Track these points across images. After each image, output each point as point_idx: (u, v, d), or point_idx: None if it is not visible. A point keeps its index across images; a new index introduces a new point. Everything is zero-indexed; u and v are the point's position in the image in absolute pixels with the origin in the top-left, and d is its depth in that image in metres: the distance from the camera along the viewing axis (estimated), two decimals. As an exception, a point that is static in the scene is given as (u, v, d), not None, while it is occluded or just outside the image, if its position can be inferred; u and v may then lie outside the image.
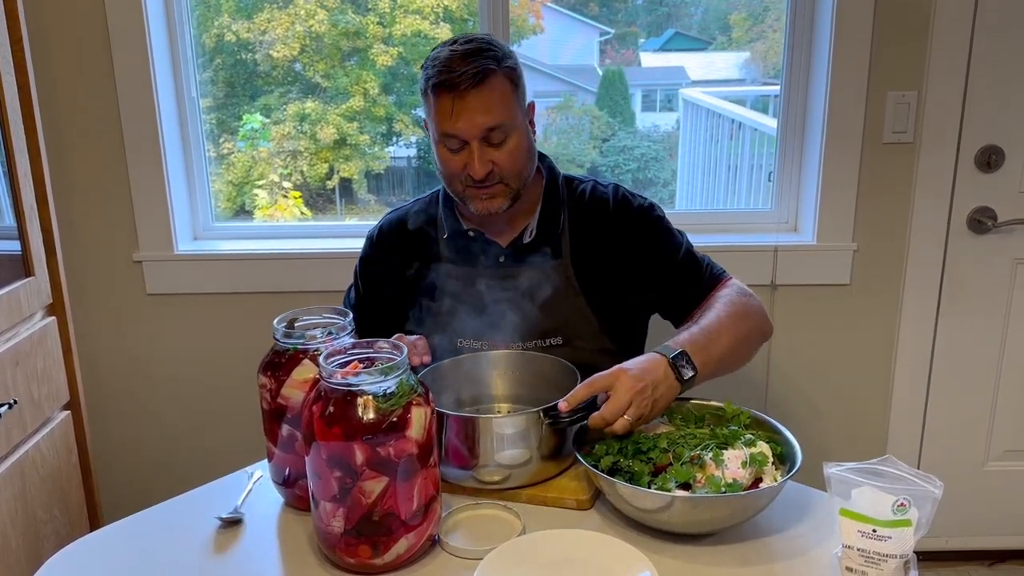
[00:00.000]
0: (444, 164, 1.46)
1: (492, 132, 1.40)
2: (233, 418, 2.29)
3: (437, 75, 1.39)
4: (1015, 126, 2.11)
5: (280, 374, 1.16)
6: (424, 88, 1.44)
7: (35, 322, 1.73)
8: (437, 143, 1.46)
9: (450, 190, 1.50)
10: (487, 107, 1.39)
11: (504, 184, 1.44)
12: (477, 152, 1.40)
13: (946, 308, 2.24)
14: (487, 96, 1.39)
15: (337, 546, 1.05)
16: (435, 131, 1.44)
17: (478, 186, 1.43)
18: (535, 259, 1.51)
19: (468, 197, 1.46)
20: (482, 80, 1.38)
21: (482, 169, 1.40)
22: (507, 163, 1.43)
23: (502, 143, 1.42)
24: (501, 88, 1.41)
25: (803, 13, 2.14)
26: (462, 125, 1.39)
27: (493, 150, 1.42)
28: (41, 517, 1.70)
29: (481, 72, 1.38)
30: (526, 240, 1.51)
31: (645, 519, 1.13)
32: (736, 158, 3.10)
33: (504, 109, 1.41)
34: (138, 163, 2.14)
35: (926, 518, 0.97)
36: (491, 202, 1.45)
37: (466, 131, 1.39)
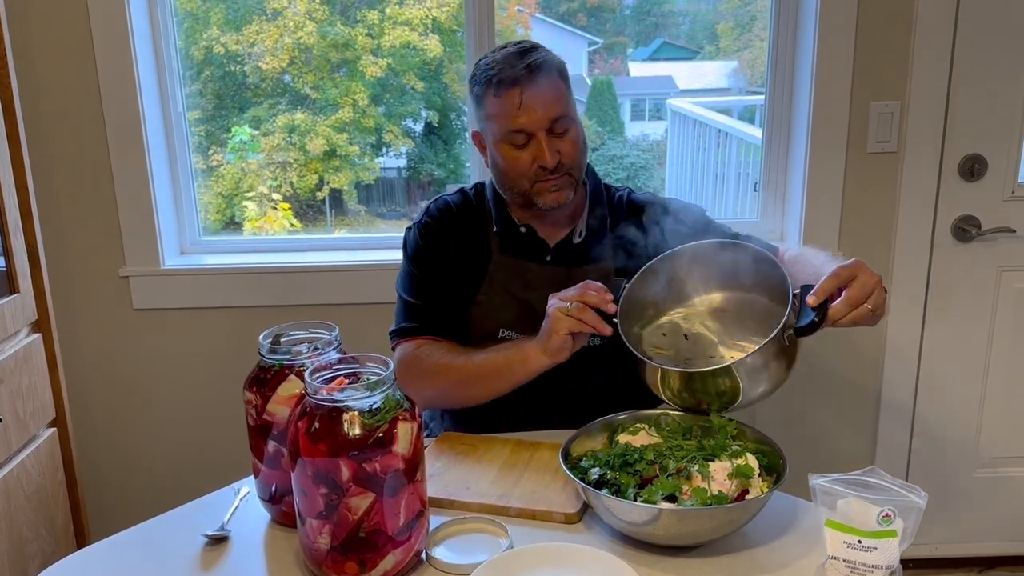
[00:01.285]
0: (510, 163, 1.48)
1: (556, 122, 1.45)
2: (220, 434, 2.28)
3: (499, 72, 1.44)
4: (997, 135, 2.13)
5: (266, 390, 1.16)
6: (481, 92, 1.48)
7: (20, 339, 1.72)
8: (500, 143, 1.48)
9: (514, 191, 1.52)
10: (550, 99, 1.44)
11: (569, 175, 1.49)
12: (546, 142, 1.44)
13: (932, 316, 2.25)
14: (549, 87, 1.45)
15: (324, 563, 1.04)
16: (498, 130, 1.47)
17: (547, 178, 1.47)
18: (581, 260, 1.54)
19: (536, 193, 1.49)
20: (543, 73, 1.44)
21: (552, 158, 1.44)
22: (571, 153, 1.48)
23: (565, 133, 1.47)
24: (557, 81, 1.47)
25: (786, 24, 2.16)
26: (529, 117, 1.43)
27: (558, 140, 1.46)
28: (26, 535, 1.69)
29: (541, 65, 1.44)
30: (576, 241, 1.55)
31: (632, 532, 1.13)
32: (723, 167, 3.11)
33: (564, 101, 1.47)
34: (124, 177, 2.14)
35: (911, 529, 0.98)
36: (559, 193, 1.48)
37: (534, 122, 1.43)
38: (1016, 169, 2.17)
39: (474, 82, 1.50)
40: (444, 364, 1.48)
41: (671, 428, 1.29)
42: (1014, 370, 2.30)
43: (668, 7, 2.66)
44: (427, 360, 1.50)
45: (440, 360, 1.49)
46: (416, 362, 1.51)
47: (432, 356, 1.50)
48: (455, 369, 1.47)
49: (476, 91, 1.50)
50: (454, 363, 1.47)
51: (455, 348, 1.51)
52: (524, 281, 1.54)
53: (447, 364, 1.48)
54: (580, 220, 1.57)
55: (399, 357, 1.54)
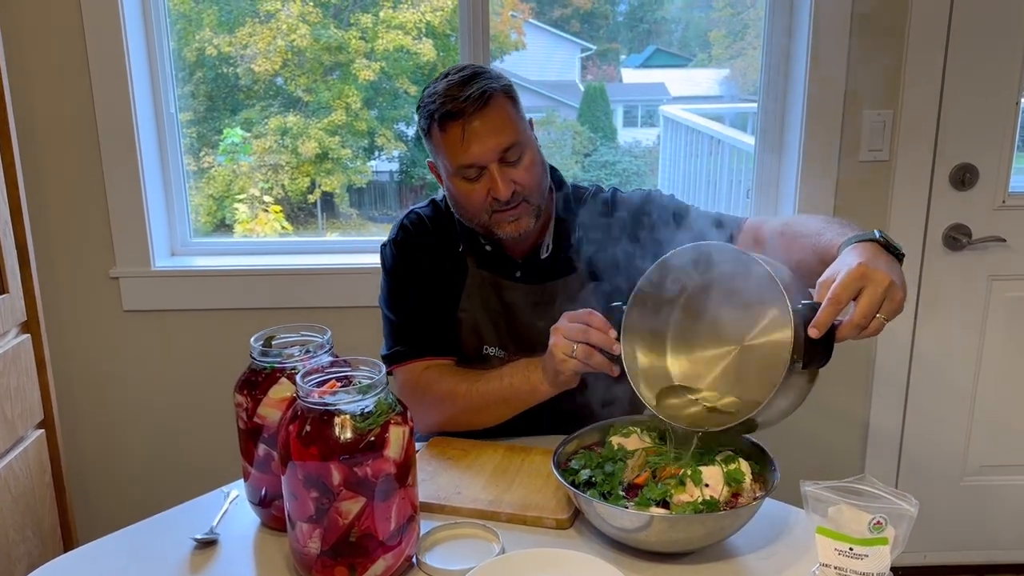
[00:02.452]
0: (465, 198, 1.43)
1: (507, 152, 1.39)
2: (209, 437, 2.26)
3: (441, 106, 1.38)
4: (989, 144, 2.15)
5: (257, 393, 1.15)
6: (427, 126, 1.42)
7: (8, 340, 1.70)
8: (452, 178, 1.43)
9: (473, 223, 1.47)
10: (498, 128, 1.38)
11: (527, 203, 1.43)
12: (498, 174, 1.39)
13: (922, 324, 2.26)
14: (495, 117, 1.38)
15: (314, 567, 1.04)
16: (448, 166, 1.42)
17: (504, 209, 1.41)
18: (550, 275, 1.51)
19: (495, 224, 1.44)
20: (487, 102, 1.37)
21: (506, 189, 1.38)
22: (527, 180, 1.42)
23: (518, 161, 1.41)
24: (504, 107, 1.40)
25: (780, 32, 2.17)
26: (477, 150, 1.37)
27: (511, 170, 1.40)
28: (13, 538, 1.67)
29: (484, 94, 1.37)
30: (542, 255, 1.51)
31: (623, 538, 1.12)
32: (715, 174, 3.12)
33: (512, 127, 1.40)
34: (115, 178, 2.13)
35: (902, 536, 0.98)
36: (518, 223, 1.43)
37: (483, 155, 1.38)
38: (1007, 179, 2.18)
39: (420, 114, 1.44)
40: (450, 391, 1.45)
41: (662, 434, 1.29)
42: (1004, 379, 2.31)
43: (661, 14, 2.67)
44: (433, 388, 1.47)
45: (446, 387, 1.46)
46: (421, 390, 1.48)
47: (438, 383, 1.47)
48: (462, 397, 1.44)
49: (422, 124, 1.44)
50: (459, 390, 1.44)
51: (457, 373, 1.49)
52: (500, 297, 1.51)
53: (453, 391, 1.45)
54: (547, 234, 1.52)
55: (402, 383, 1.51)
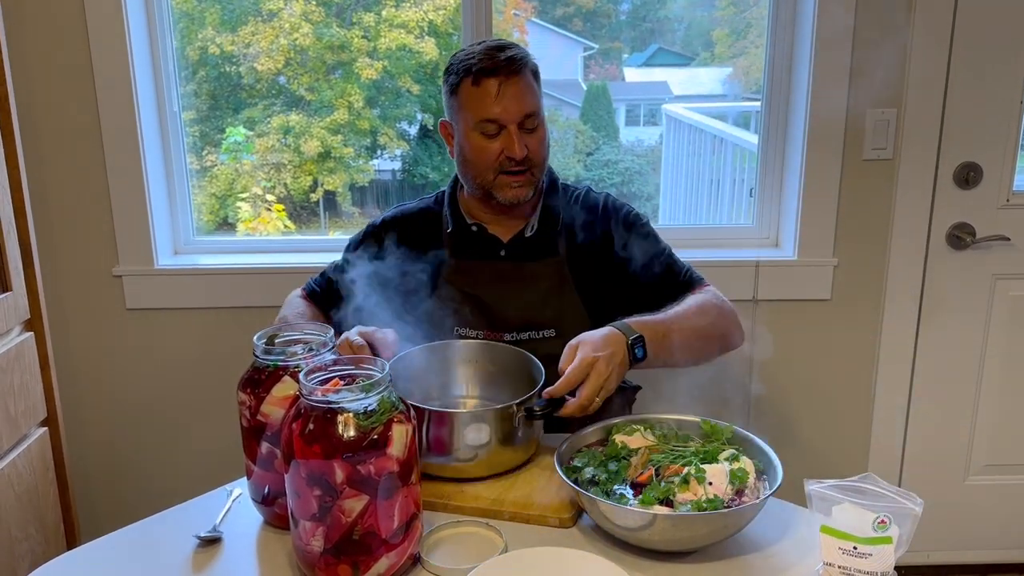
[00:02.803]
0: (478, 152, 1.52)
1: (528, 118, 1.50)
2: (213, 435, 2.26)
3: (479, 62, 1.49)
4: (993, 143, 2.14)
5: (260, 391, 1.15)
6: (457, 81, 1.52)
7: (12, 337, 1.70)
8: (470, 132, 1.52)
9: (477, 180, 1.56)
10: (525, 93, 1.50)
11: (531, 173, 1.53)
12: (516, 135, 1.49)
13: (926, 323, 2.26)
14: (525, 83, 1.51)
15: (316, 565, 1.04)
16: (471, 119, 1.51)
17: (511, 171, 1.51)
18: (534, 255, 1.59)
19: (498, 186, 1.54)
20: (520, 69, 1.50)
21: (521, 150, 1.49)
22: (537, 150, 1.53)
23: (534, 130, 1.52)
24: (531, 81, 1.53)
25: (783, 31, 2.16)
26: (504, 108, 1.48)
27: (527, 136, 1.51)
28: (16, 536, 1.68)
29: (521, 60, 1.51)
30: (527, 235, 1.59)
31: (627, 537, 1.12)
32: (718, 173, 3.12)
33: (535, 99, 1.53)
34: (118, 176, 2.13)
35: (907, 535, 0.98)
36: (520, 190, 1.53)
37: (508, 114, 1.48)
38: (1011, 177, 2.17)
39: (450, 72, 1.54)
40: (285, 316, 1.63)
41: (667, 433, 1.29)
42: (1008, 378, 2.30)
43: (664, 13, 2.66)
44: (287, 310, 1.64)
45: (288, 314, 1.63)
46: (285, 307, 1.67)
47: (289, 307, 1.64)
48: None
49: (452, 80, 1.54)
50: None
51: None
52: (476, 279, 1.58)
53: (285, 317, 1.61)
54: (534, 216, 1.61)
55: (289, 297, 1.71)
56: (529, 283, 1.58)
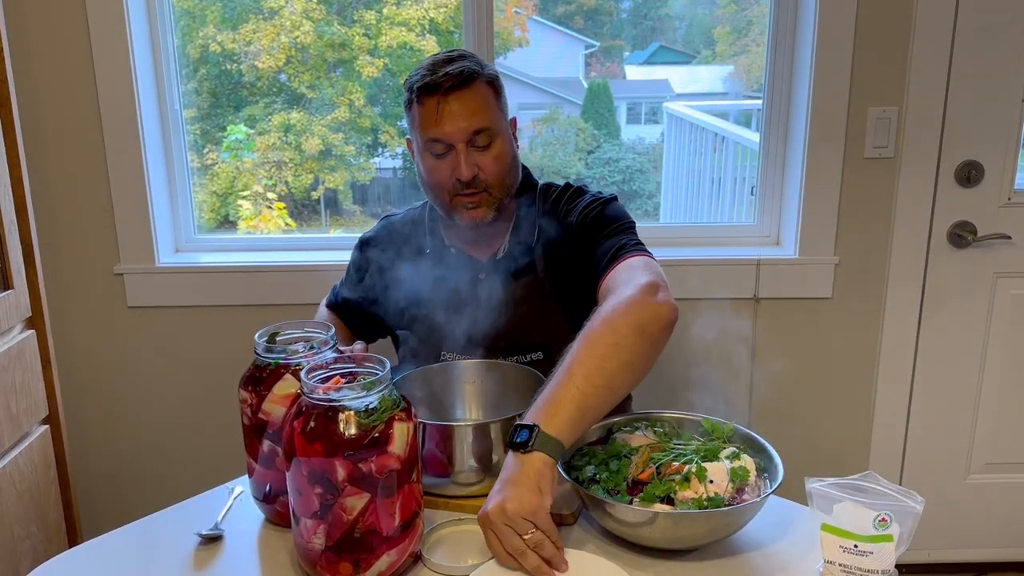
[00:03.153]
0: (430, 174, 1.46)
1: (477, 135, 1.41)
2: (214, 433, 2.27)
3: (421, 79, 1.42)
4: (994, 141, 2.14)
5: (261, 389, 1.15)
6: (408, 99, 1.45)
7: (13, 335, 1.71)
8: (422, 152, 1.46)
9: (436, 203, 1.50)
10: (472, 110, 1.40)
11: (488, 192, 1.44)
12: (463, 154, 1.40)
13: (927, 322, 2.26)
14: (471, 99, 1.41)
15: (318, 563, 1.04)
16: (420, 139, 1.45)
17: (464, 193, 1.43)
18: (512, 275, 1.51)
19: (454, 208, 1.46)
20: (466, 83, 1.40)
21: (468, 171, 1.40)
22: (492, 168, 1.43)
23: (487, 147, 1.43)
24: (484, 93, 1.43)
25: (785, 29, 2.16)
26: (448, 128, 1.40)
27: (478, 154, 1.42)
28: (18, 534, 1.68)
29: (465, 75, 1.40)
30: (499, 256, 1.52)
31: (628, 535, 1.12)
32: (719, 171, 3.12)
33: (488, 114, 1.42)
34: (119, 174, 2.13)
35: (908, 533, 0.98)
36: (476, 211, 1.44)
37: (452, 134, 1.40)
38: (1012, 176, 2.17)
39: (405, 87, 1.47)
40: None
41: (667, 431, 1.29)
42: (1009, 376, 2.30)
43: (665, 11, 2.66)
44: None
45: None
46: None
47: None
48: None
49: (405, 96, 1.47)
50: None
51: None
52: (459, 303, 1.51)
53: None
54: (506, 235, 1.53)
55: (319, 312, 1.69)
56: (510, 305, 1.48)
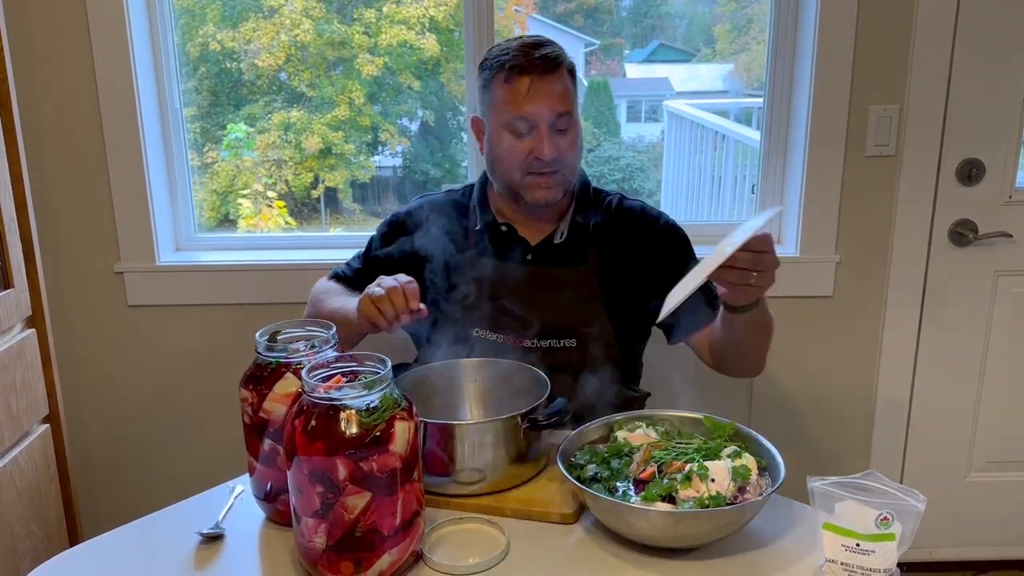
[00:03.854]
0: (507, 151, 1.48)
1: (560, 118, 1.46)
2: (215, 432, 2.27)
3: (512, 59, 1.45)
4: (995, 139, 2.14)
5: (262, 388, 1.15)
6: (490, 77, 1.48)
7: (14, 334, 1.70)
8: (500, 130, 1.49)
9: (504, 179, 1.52)
10: (559, 93, 1.45)
11: (561, 175, 1.49)
12: (546, 135, 1.45)
13: (928, 320, 2.26)
14: (559, 83, 1.46)
15: (319, 562, 1.04)
16: (500, 117, 1.48)
17: (540, 172, 1.47)
18: (561, 262, 1.55)
19: (525, 186, 1.49)
20: (555, 67, 1.46)
21: (550, 151, 1.45)
22: (568, 152, 1.48)
23: (565, 132, 1.48)
24: (567, 80, 1.48)
25: (786, 27, 2.16)
26: (536, 107, 1.44)
27: (558, 137, 1.47)
28: (19, 532, 1.68)
29: (556, 59, 1.46)
30: (556, 241, 1.56)
31: (629, 534, 1.12)
32: (720, 169, 3.12)
33: (569, 100, 1.48)
34: (120, 173, 2.13)
35: (909, 532, 0.98)
36: (548, 191, 1.49)
37: (539, 113, 1.44)
38: (1014, 174, 2.17)
39: (484, 67, 1.51)
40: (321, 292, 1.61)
41: (668, 431, 1.29)
42: (1010, 374, 2.30)
43: (665, 9, 2.66)
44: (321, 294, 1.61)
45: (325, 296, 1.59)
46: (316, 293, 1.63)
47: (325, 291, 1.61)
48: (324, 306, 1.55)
49: (485, 75, 1.50)
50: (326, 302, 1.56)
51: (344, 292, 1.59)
52: (500, 281, 1.54)
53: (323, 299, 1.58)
54: (563, 221, 1.57)
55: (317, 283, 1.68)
56: (554, 290, 1.53)
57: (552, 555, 1.12)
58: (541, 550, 1.13)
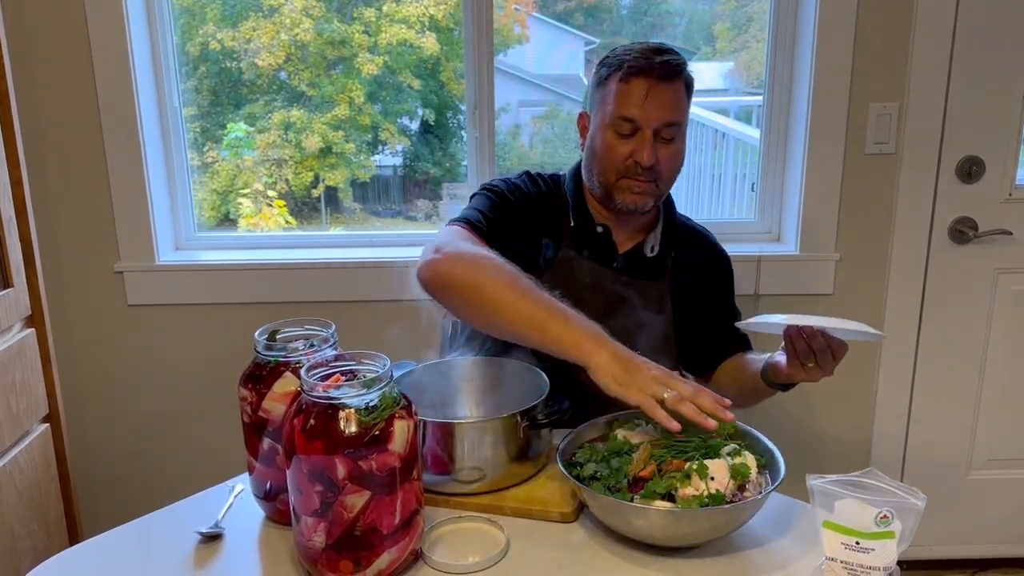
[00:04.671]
0: (608, 150, 1.47)
1: (667, 127, 1.44)
2: (215, 431, 2.27)
3: (634, 60, 1.44)
4: (995, 137, 2.14)
5: (261, 387, 1.15)
6: (608, 74, 1.47)
7: (13, 334, 1.70)
8: (606, 127, 1.47)
9: (599, 179, 1.50)
10: (672, 102, 1.44)
11: (656, 184, 1.47)
12: (650, 141, 1.43)
13: (928, 318, 2.26)
14: (674, 92, 1.45)
15: (318, 561, 1.04)
16: (608, 114, 1.46)
17: (636, 178, 1.46)
18: (645, 274, 1.55)
19: (619, 188, 1.48)
20: (674, 76, 1.44)
21: (650, 157, 1.43)
22: (668, 163, 1.47)
23: (670, 142, 1.46)
24: (682, 92, 1.47)
25: (786, 25, 2.16)
26: (646, 111, 1.42)
27: (661, 146, 1.45)
28: (19, 532, 1.68)
29: (676, 67, 1.44)
30: (648, 254, 1.55)
31: (629, 532, 1.12)
32: (720, 168, 3.11)
33: (681, 111, 1.47)
34: (119, 173, 2.13)
35: (909, 530, 0.97)
36: (640, 197, 1.47)
37: (648, 117, 1.43)
38: (1014, 171, 2.17)
39: (604, 63, 1.49)
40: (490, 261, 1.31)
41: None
42: (1010, 372, 2.30)
43: (665, 7, 2.65)
44: (479, 251, 1.34)
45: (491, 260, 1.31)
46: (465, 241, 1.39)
47: (473, 250, 1.34)
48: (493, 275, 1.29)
49: (602, 72, 1.49)
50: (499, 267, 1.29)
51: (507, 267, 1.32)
52: (584, 281, 1.52)
53: (493, 263, 1.30)
54: (653, 234, 1.57)
55: (451, 229, 1.43)
56: (631, 301, 1.52)
57: (552, 554, 1.12)
58: (541, 549, 1.13)
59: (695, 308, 1.58)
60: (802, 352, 1.30)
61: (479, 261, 1.31)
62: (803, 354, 1.30)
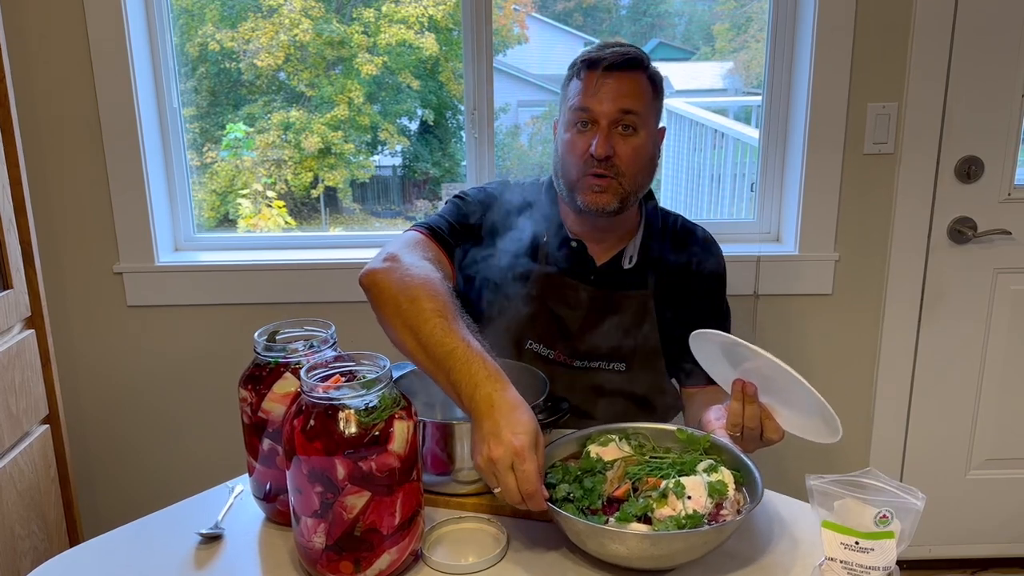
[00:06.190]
0: (568, 146, 1.44)
1: (625, 115, 1.40)
2: (214, 432, 2.27)
3: (587, 55, 1.44)
4: (994, 137, 2.14)
5: (261, 387, 1.15)
6: (570, 75, 1.47)
7: (13, 335, 1.70)
8: (567, 124, 1.45)
9: (564, 181, 1.47)
10: (627, 91, 1.41)
11: (618, 181, 1.42)
12: (604, 132, 1.40)
13: (927, 318, 2.26)
14: (630, 81, 1.41)
15: (319, 562, 1.04)
16: (567, 111, 1.45)
17: (594, 172, 1.41)
18: (625, 286, 1.51)
19: (580, 188, 1.43)
20: (627, 66, 1.41)
21: (604, 148, 1.39)
22: (628, 157, 1.41)
23: (631, 135, 1.41)
24: (642, 83, 1.43)
25: (785, 25, 2.16)
26: (600, 100, 1.40)
27: (620, 138, 1.41)
28: (19, 533, 1.68)
29: (628, 58, 1.42)
30: (625, 266, 1.51)
31: (604, 555, 1.07)
32: (719, 168, 3.11)
33: (639, 101, 1.42)
34: (119, 173, 2.13)
35: (909, 530, 0.97)
36: (601, 196, 1.42)
37: (601, 106, 1.40)
38: (1012, 171, 2.17)
39: (568, 68, 1.49)
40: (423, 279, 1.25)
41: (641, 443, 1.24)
42: (1009, 372, 2.30)
43: (664, 7, 2.65)
44: (415, 263, 1.31)
45: (417, 276, 1.27)
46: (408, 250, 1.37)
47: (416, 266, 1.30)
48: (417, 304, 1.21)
49: (567, 74, 1.49)
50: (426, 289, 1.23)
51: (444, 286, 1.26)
52: (562, 296, 1.50)
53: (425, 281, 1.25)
54: (631, 245, 1.52)
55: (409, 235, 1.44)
56: (613, 313, 1.49)
57: (551, 554, 1.12)
58: (540, 549, 1.13)
59: (681, 315, 1.52)
60: (734, 413, 1.20)
61: (413, 281, 1.26)
62: (733, 416, 1.20)
